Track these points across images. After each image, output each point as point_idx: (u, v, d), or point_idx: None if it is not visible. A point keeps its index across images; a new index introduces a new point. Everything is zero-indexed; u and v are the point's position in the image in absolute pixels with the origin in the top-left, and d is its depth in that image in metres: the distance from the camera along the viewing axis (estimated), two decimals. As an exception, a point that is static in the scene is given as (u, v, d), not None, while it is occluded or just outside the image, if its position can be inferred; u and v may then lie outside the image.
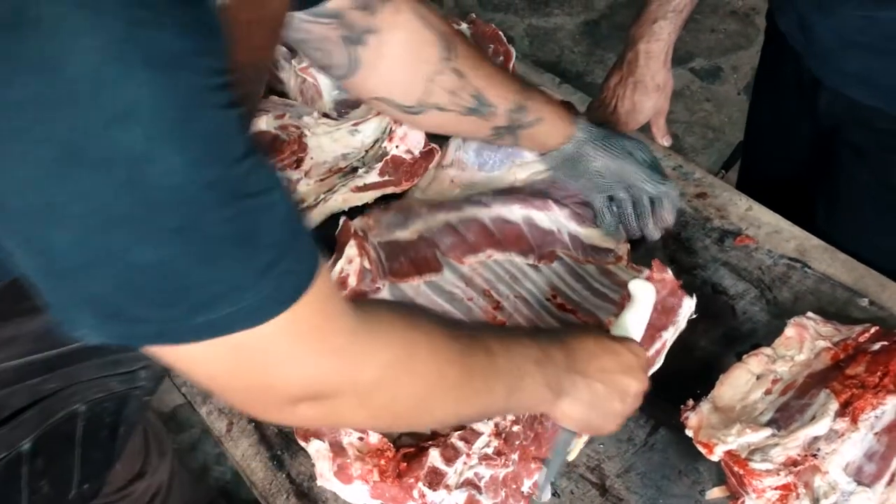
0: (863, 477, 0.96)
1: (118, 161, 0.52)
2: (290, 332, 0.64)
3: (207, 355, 0.63)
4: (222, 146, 0.57)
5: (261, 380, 0.67)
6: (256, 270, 0.60)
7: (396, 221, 1.26)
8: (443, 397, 0.80)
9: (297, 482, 1.06)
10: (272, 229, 0.61)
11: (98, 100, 0.51)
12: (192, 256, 0.58)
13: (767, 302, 1.22)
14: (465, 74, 1.12)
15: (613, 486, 1.05)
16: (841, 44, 1.24)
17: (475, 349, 0.82)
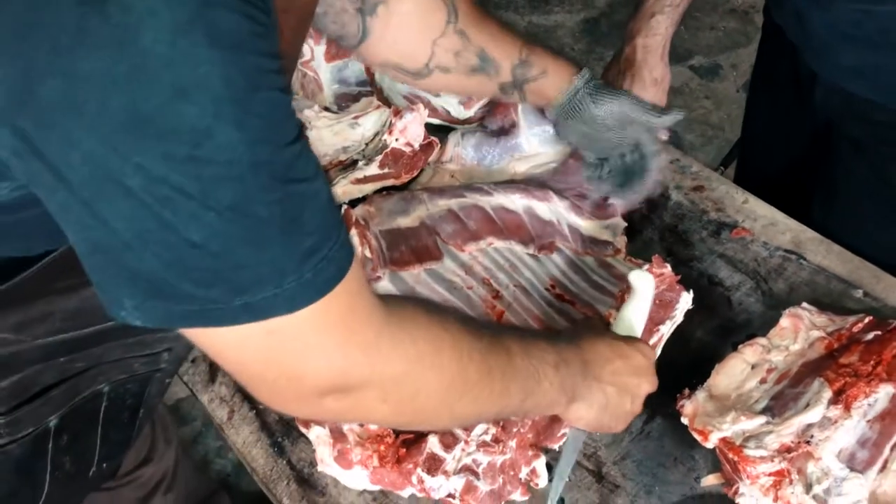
0: (855, 463, 0.97)
1: (182, 134, 0.54)
2: (323, 321, 0.66)
3: (241, 340, 0.64)
4: (276, 128, 0.59)
5: (290, 369, 0.68)
6: (299, 255, 0.62)
7: (398, 208, 1.27)
8: (464, 395, 0.80)
9: (298, 468, 1.08)
10: (315, 216, 0.62)
11: (167, 73, 0.53)
12: (240, 236, 0.59)
13: (763, 293, 1.23)
14: (467, 34, 1.13)
15: (610, 473, 1.06)
16: (837, 37, 1.25)
17: (496, 349, 0.83)
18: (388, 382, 0.73)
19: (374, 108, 1.41)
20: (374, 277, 1.19)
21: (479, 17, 1.15)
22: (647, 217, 1.34)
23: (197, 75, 0.53)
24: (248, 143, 0.56)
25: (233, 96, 0.55)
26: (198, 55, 0.53)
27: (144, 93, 0.53)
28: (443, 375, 0.78)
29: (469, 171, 1.40)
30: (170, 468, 1.51)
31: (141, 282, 0.60)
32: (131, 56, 0.52)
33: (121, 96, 0.53)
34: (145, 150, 0.54)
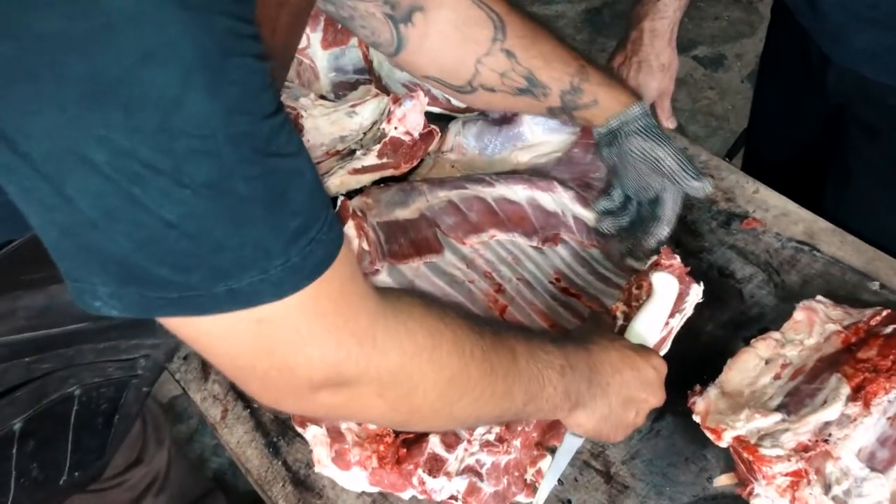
0: (876, 463, 0.93)
1: (149, 103, 0.50)
2: (314, 307, 0.62)
3: (227, 330, 0.60)
4: (254, 98, 0.55)
5: (282, 360, 0.64)
6: (285, 237, 0.58)
7: (397, 199, 1.24)
8: (463, 394, 0.77)
9: (294, 469, 1.04)
10: (300, 194, 0.58)
11: (131, 35, 0.48)
12: (219, 215, 0.55)
13: (775, 286, 1.19)
14: (515, 55, 1.08)
15: (618, 473, 1.02)
16: (850, 19, 1.22)
17: (500, 349, 0.79)
18: (384, 376, 0.69)
19: (372, 96, 1.37)
20: (372, 271, 1.15)
21: (531, 35, 1.09)
22: (655, 207, 1.29)
23: (164, 38, 0.49)
24: (223, 112, 0.52)
25: (204, 62, 0.51)
26: (165, 16, 0.49)
27: (107, 57, 0.48)
28: (442, 372, 0.74)
29: (470, 160, 1.36)
30: (162, 469, 1.48)
31: (113, 266, 0.56)
32: (92, 15, 0.48)
33: (80, 61, 0.48)
34: (109, 122, 0.50)
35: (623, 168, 1.17)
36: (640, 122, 1.14)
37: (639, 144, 1.13)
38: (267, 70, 0.56)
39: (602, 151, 1.19)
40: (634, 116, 1.13)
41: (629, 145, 1.14)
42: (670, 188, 1.15)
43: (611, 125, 1.15)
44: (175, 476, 1.55)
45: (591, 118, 1.16)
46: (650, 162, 1.14)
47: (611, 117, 1.14)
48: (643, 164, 1.14)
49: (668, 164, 1.13)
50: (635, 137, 1.13)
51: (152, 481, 1.47)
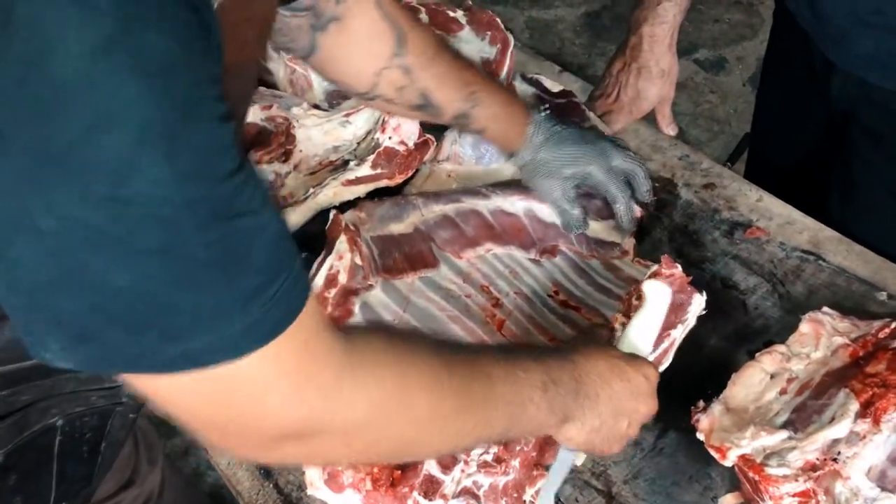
0: (887, 482, 0.90)
1: (100, 170, 0.49)
2: (275, 365, 0.60)
3: (185, 388, 0.58)
4: (212, 161, 0.53)
5: (243, 416, 0.62)
6: (241, 297, 0.56)
7: (391, 214, 1.21)
8: (435, 435, 0.75)
9: (286, 492, 1.01)
10: (260, 253, 0.57)
11: (82, 102, 0.47)
12: (171, 280, 0.53)
13: (780, 297, 1.16)
14: (412, 72, 1.11)
15: (620, 493, 0.99)
16: (852, 23, 1.20)
17: (475, 378, 0.77)
18: (350, 427, 0.67)
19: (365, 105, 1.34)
20: (366, 286, 1.12)
21: (430, 55, 1.11)
22: (656, 217, 1.27)
23: (117, 104, 0.47)
24: (179, 178, 0.50)
25: (160, 127, 0.49)
26: (118, 82, 0.47)
27: (56, 124, 0.47)
28: (412, 416, 0.72)
29: (467, 170, 1.33)
30: (155, 489, 1.45)
31: (64, 324, 0.54)
32: (41, 83, 0.46)
33: (29, 127, 0.47)
34: (59, 188, 0.48)
35: (548, 182, 1.21)
36: (541, 138, 1.19)
37: (547, 152, 1.19)
38: (230, 129, 0.54)
39: (526, 180, 1.24)
40: (536, 145, 1.19)
41: (542, 159, 1.20)
42: (594, 170, 1.19)
43: (524, 158, 1.21)
44: (169, 495, 1.52)
45: (494, 140, 1.23)
46: (567, 159, 1.19)
47: (520, 149, 1.20)
48: (565, 166, 1.19)
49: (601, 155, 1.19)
50: (543, 151, 1.19)
51: (145, 502, 1.44)
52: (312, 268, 1.12)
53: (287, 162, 1.30)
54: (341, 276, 1.10)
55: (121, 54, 0.47)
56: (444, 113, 1.16)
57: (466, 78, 1.15)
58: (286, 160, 1.30)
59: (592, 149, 1.20)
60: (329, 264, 1.11)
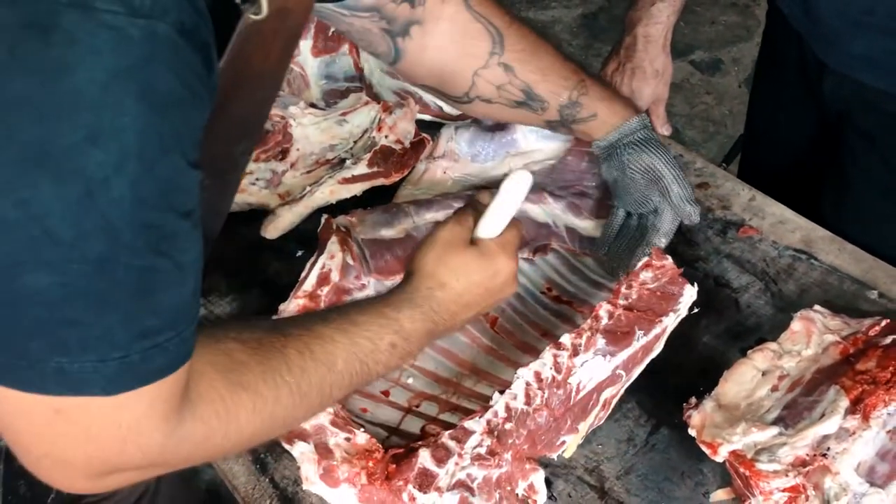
0: (875, 477, 0.91)
1: (81, 178, 0.52)
2: (117, 412, 0.60)
3: (37, 408, 0.59)
4: (171, 196, 0.57)
5: (67, 450, 0.63)
6: (135, 332, 0.58)
7: (382, 220, 1.21)
8: (271, 431, 0.78)
9: (281, 487, 1.02)
10: (170, 299, 0.60)
11: (89, 115, 0.51)
12: (87, 291, 0.56)
13: (772, 295, 1.17)
14: (513, 69, 1.08)
15: (613, 488, 1.00)
16: (847, 24, 1.20)
17: (313, 367, 0.78)
18: (172, 464, 0.69)
19: (362, 104, 1.36)
20: (358, 286, 1.13)
21: (529, 49, 1.09)
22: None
23: (116, 123, 0.51)
24: (137, 202, 0.54)
25: (140, 154, 0.53)
26: (123, 105, 0.51)
27: (61, 129, 0.50)
28: (238, 439, 0.73)
29: (462, 167, 1.34)
30: (150, 484, 1.45)
31: None
32: (62, 90, 0.49)
33: (36, 128, 0.50)
34: (36, 187, 0.51)
35: (622, 181, 1.16)
36: (638, 135, 1.13)
37: (637, 157, 1.12)
38: (196, 177, 0.58)
39: (602, 166, 1.18)
40: (633, 129, 1.13)
41: (628, 157, 1.13)
42: (665, 202, 1.14)
43: (609, 139, 1.14)
44: (165, 489, 1.52)
45: (590, 131, 1.15)
46: (649, 174, 1.13)
47: (609, 131, 1.13)
48: (641, 176, 1.13)
49: (666, 180, 1.12)
50: (634, 150, 1.12)
51: (142, 495, 1.45)
52: (305, 267, 1.13)
53: (284, 160, 1.31)
54: (333, 275, 1.11)
55: (133, 83, 0.51)
56: (549, 106, 1.12)
57: (571, 66, 1.12)
58: (283, 158, 1.31)
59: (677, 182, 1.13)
60: (321, 263, 1.12)
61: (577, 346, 1.00)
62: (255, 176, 1.29)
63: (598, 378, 1.00)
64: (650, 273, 1.07)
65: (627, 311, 1.04)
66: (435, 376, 1.09)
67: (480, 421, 0.96)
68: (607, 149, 1.15)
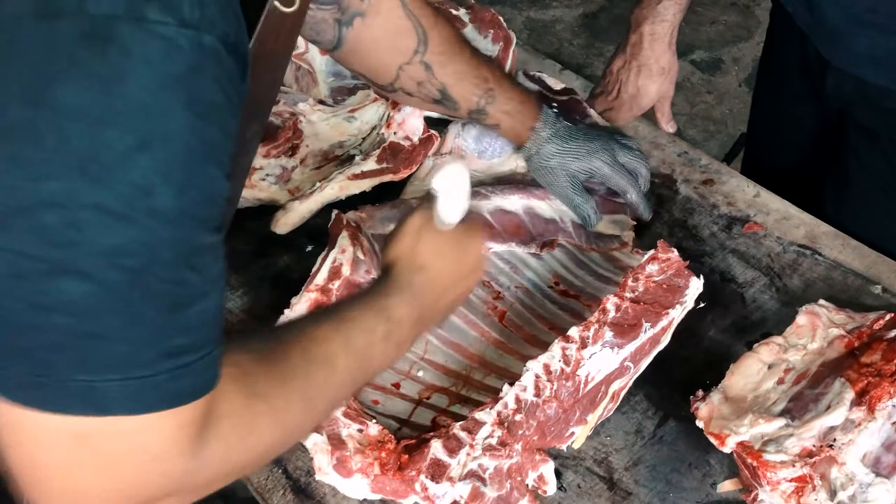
0: (881, 468, 0.92)
1: (125, 185, 0.52)
2: (139, 434, 0.57)
3: (57, 434, 0.55)
4: (207, 208, 0.57)
5: (106, 483, 0.59)
6: (163, 349, 0.57)
7: (391, 216, 1.23)
8: (285, 443, 0.78)
9: (295, 477, 1.03)
10: (198, 317, 0.58)
11: (140, 122, 0.52)
12: (120, 302, 0.54)
13: (777, 290, 1.18)
14: (432, 68, 1.15)
15: (622, 479, 1.01)
16: (849, 23, 1.21)
17: (318, 372, 0.77)
18: (194, 491, 0.66)
19: (370, 101, 1.37)
20: (369, 280, 1.14)
21: (449, 52, 1.15)
22: (656, 212, 1.29)
23: (163, 131, 0.52)
24: (178, 213, 0.55)
25: (185, 163, 0.54)
26: (170, 114, 0.52)
27: (112, 136, 0.51)
28: (260, 451, 0.72)
29: (468, 163, 1.34)
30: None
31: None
32: (114, 99, 0.51)
33: (89, 135, 0.51)
34: (80, 193, 0.51)
35: (553, 175, 1.22)
36: (548, 133, 1.20)
37: (554, 146, 1.20)
38: (227, 190, 0.59)
39: (533, 174, 1.25)
40: (542, 139, 1.21)
41: (547, 153, 1.21)
42: (601, 165, 1.20)
43: (529, 150, 1.22)
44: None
45: (505, 137, 1.25)
46: (572, 154, 1.20)
47: (526, 143, 1.22)
48: (569, 159, 1.20)
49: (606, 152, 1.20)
50: (549, 145, 1.21)
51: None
52: (317, 262, 1.14)
53: (294, 156, 1.32)
54: (344, 269, 1.12)
55: (181, 92, 0.52)
56: (460, 107, 1.19)
57: (483, 74, 1.18)
58: (293, 155, 1.32)
59: (598, 144, 1.21)
60: (332, 258, 1.13)
61: (585, 338, 1.02)
62: (264, 172, 1.30)
63: (607, 370, 1.01)
64: (656, 266, 1.09)
65: (634, 304, 1.05)
66: (445, 369, 1.10)
67: (491, 412, 0.97)
68: (529, 159, 1.24)
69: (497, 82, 1.19)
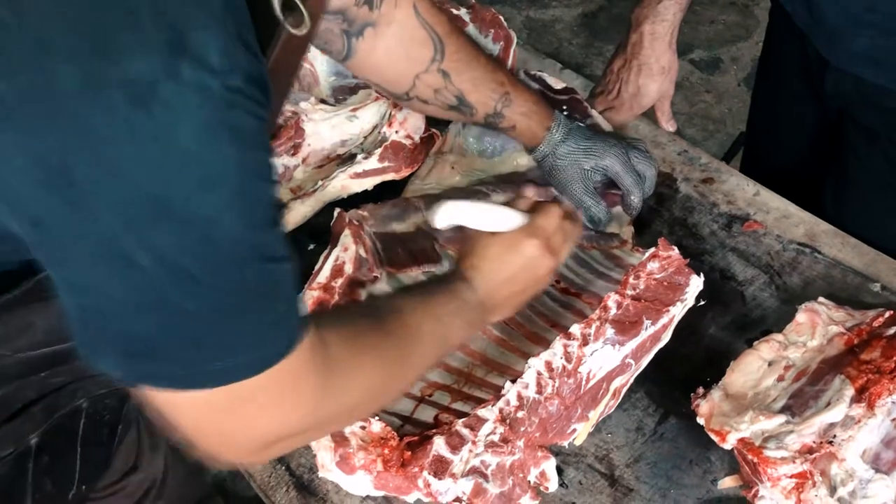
0: (880, 464, 0.93)
1: (197, 220, 0.59)
2: (275, 383, 0.70)
3: (202, 405, 0.68)
4: (267, 214, 0.65)
5: (240, 429, 0.73)
6: (271, 322, 0.68)
7: (393, 214, 1.23)
8: (391, 393, 0.92)
9: (297, 474, 1.03)
10: (286, 288, 0.69)
11: (196, 166, 0.58)
12: (229, 307, 0.64)
13: (777, 288, 1.19)
14: (450, 76, 1.16)
15: (623, 476, 1.02)
16: (849, 22, 1.22)
17: (409, 335, 0.89)
18: (324, 424, 0.82)
19: (372, 100, 1.37)
20: (371, 278, 1.15)
21: (465, 59, 1.16)
22: (656, 210, 1.30)
23: (218, 169, 0.59)
24: (249, 228, 0.62)
25: (242, 189, 0.61)
26: (221, 151, 0.59)
27: (172, 182, 0.57)
28: (370, 395, 0.84)
29: (470, 162, 1.36)
30: (158, 475, 1.47)
31: (132, 344, 0.64)
32: (168, 150, 0.56)
33: (151, 185, 0.57)
34: (162, 233, 0.59)
35: (566, 174, 1.22)
36: (561, 134, 1.21)
37: (569, 145, 1.21)
38: (277, 192, 0.68)
39: (546, 175, 1.26)
40: (556, 140, 1.21)
41: (562, 150, 1.21)
42: (614, 162, 1.20)
43: (543, 151, 1.22)
44: (172, 482, 1.54)
45: (515, 137, 1.25)
46: (585, 153, 1.21)
47: (540, 144, 1.22)
48: (582, 158, 1.21)
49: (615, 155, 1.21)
50: (563, 146, 1.21)
51: (150, 487, 1.46)
52: (319, 260, 1.15)
53: (296, 155, 1.32)
54: (347, 267, 1.13)
55: (225, 131, 0.58)
56: (477, 112, 1.20)
57: (499, 79, 1.19)
58: (295, 153, 1.32)
59: (611, 143, 1.22)
60: (335, 256, 1.14)
61: (586, 335, 1.02)
62: (267, 170, 1.30)
63: (608, 367, 1.02)
64: (657, 263, 1.09)
65: (635, 301, 1.06)
66: (447, 366, 1.11)
67: (493, 409, 0.98)
68: (542, 160, 1.24)
69: (512, 85, 1.20)
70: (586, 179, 1.22)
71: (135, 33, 0.54)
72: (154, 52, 0.55)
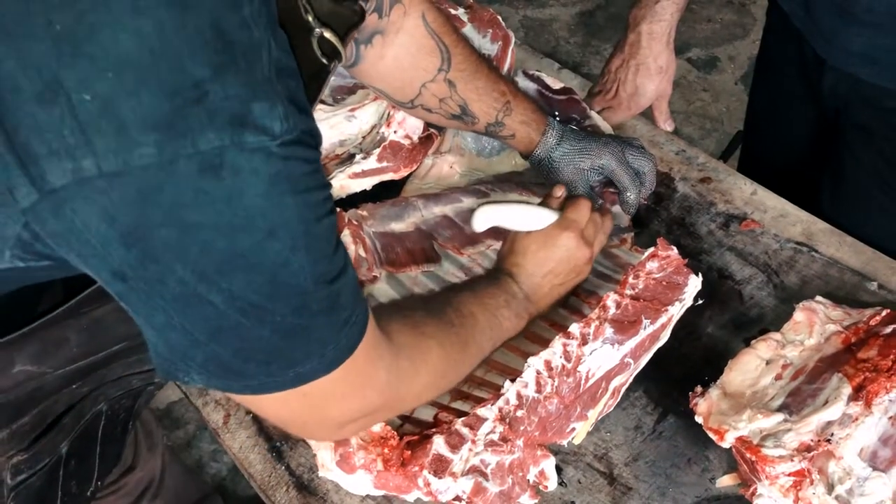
0: (878, 462, 0.93)
1: (265, 266, 0.66)
2: (345, 375, 0.76)
3: (282, 402, 0.77)
4: (328, 246, 0.71)
5: (321, 416, 0.82)
6: (337, 327, 0.74)
7: (392, 213, 1.24)
8: (451, 378, 0.97)
9: (298, 474, 1.04)
10: (347, 295, 0.75)
11: (262, 220, 0.64)
12: (297, 329, 0.71)
13: (774, 287, 1.19)
14: (456, 86, 1.18)
15: (621, 474, 1.02)
16: (845, 22, 1.22)
17: (465, 323, 0.98)
18: (395, 404, 0.89)
19: (370, 100, 1.37)
20: (370, 277, 1.15)
21: (471, 70, 1.18)
22: (654, 209, 1.30)
23: (282, 219, 0.65)
24: (313, 263, 0.69)
25: (305, 230, 0.67)
26: (283, 202, 0.64)
27: (243, 237, 0.64)
28: (435, 377, 0.93)
29: (468, 161, 1.36)
30: (156, 474, 1.48)
31: (212, 362, 0.71)
32: (237, 209, 0.62)
33: (223, 241, 0.63)
34: (233, 280, 0.65)
35: (566, 176, 1.24)
36: (556, 138, 1.24)
37: (564, 148, 1.24)
38: (336, 221, 0.72)
39: (544, 178, 1.27)
40: (551, 144, 1.24)
41: (558, 154, 1.24)
42: (610, 160, 1.23)
43: (539, 156, 1.24)
44: (170, 481, 1.55)
45: (514, 145, 1.27)
46: (581, 154, 1.23)
47: (536, 149, 1.24)
48: (579, 159, 1.23)
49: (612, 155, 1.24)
50: (559, 149, 1.24)
51: (147, 487, 1.47)
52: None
53: (294, 155, 1.32)
54: (347, 267, 1.13)
55: (284, 183, 0.64)
56: (479, 122, 1.22)
57: (501, 88, 1.21)
58: (294, 153, 1.32)
59: (606, 142, 1.23)
60: (334, 255, 1.14)
61: (585, 334, 1.03)
62: (266, 171, 1.30)
63: (607, 366, 1.03)
64: (656, 263, 1.10)
65: (634, 301, 1.06)
66: (446, 366, 1.11)
67: (493, 408, 0.98)
68: (538, 163, 1.26)
69: (513, 94, 1.22)
70: (586, 180, 1.23)
71: (204, 111, 0.59)
72: (221, 128, 0.60)
